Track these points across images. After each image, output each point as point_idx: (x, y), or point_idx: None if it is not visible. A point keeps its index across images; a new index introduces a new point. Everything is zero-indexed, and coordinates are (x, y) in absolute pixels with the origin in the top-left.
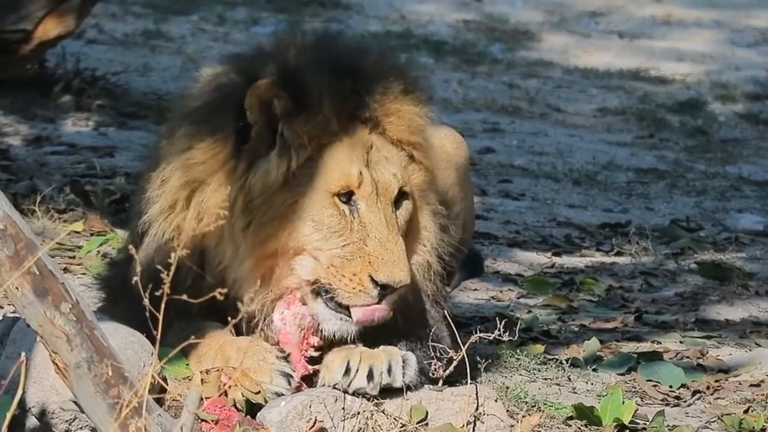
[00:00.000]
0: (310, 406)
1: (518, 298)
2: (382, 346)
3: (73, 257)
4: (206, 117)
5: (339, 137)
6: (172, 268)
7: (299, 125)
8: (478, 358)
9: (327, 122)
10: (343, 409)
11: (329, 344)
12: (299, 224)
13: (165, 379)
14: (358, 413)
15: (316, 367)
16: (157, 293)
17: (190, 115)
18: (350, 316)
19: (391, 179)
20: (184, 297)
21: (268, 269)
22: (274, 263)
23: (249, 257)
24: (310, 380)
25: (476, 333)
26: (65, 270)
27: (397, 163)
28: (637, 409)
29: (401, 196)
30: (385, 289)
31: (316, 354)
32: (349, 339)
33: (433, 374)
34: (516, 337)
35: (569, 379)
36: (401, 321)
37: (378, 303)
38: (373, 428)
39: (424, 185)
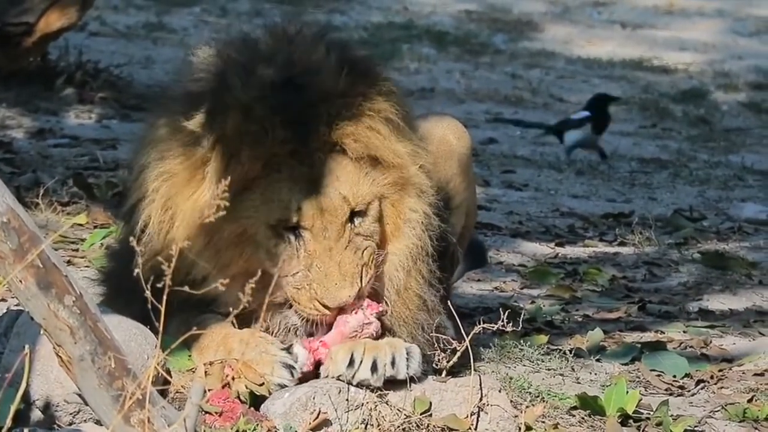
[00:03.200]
0: (313, 398)
1: (521, 288)
2: (386, 338)
3: (77, 250)
4: (182, 109)
5: (276, 170)
6: (173, 261)
7: (221, 165)
8: (482, 349)
9: (246, 169)
10: (347, 400)
11: None
12: (253, 251)
13: (168, 371)
14: (362, 404)
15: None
16: (159, 285)
17: (170, 103)
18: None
19: (339, 204)
20: (186, 289)
21: (244, 284)
22: (246, 280)
23: (221, 273)
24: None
25: (480, 323)
26: (69, 263)
27: (352, 181)
28: (641, 399)
29: (359, 209)
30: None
31: None
32: None
33: (437, 365)
34: (519, 328)
35: (573, 369)
36: (399, 306)
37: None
38: (376, 419)
39: (398, 178)
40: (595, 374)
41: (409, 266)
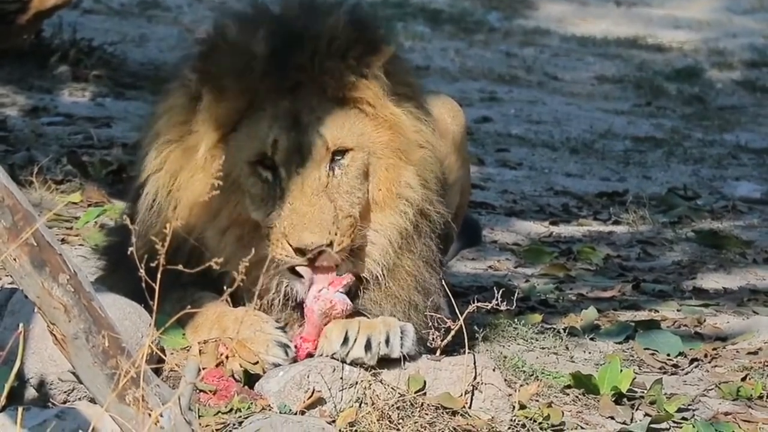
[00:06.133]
0: (308, 376)
1: (516, 267)
2: (381, 317)
3: (71, 228)
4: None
5: (261, 108)
6: (167, 239)
7: (208, 107)
8: (476, 328)
9: (233, 105)
10: (341, 379)
11: None
12: (240, 198)
13: (163, 350)
14: (356, 383)
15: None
16: (153, 264)
17: (177, 70)
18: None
19: (316, 141)
20: (180, 267)
21: (238, 237)
22: (241, 231)
23: (212, 224)
24: None
25: (474, 302)
26: (63, 241)
27: (334, 123)
28: (635, 378)
29: (339, 153)
30: (304, 254)
31: None
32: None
33: (431, 344)
34: (514, 307)
35: (567, 348)
36: (391, 283)
37: (314, 266)
38: (371, 398)
39: (394, 140)
40: (589, 353)
41: (400, 243)
